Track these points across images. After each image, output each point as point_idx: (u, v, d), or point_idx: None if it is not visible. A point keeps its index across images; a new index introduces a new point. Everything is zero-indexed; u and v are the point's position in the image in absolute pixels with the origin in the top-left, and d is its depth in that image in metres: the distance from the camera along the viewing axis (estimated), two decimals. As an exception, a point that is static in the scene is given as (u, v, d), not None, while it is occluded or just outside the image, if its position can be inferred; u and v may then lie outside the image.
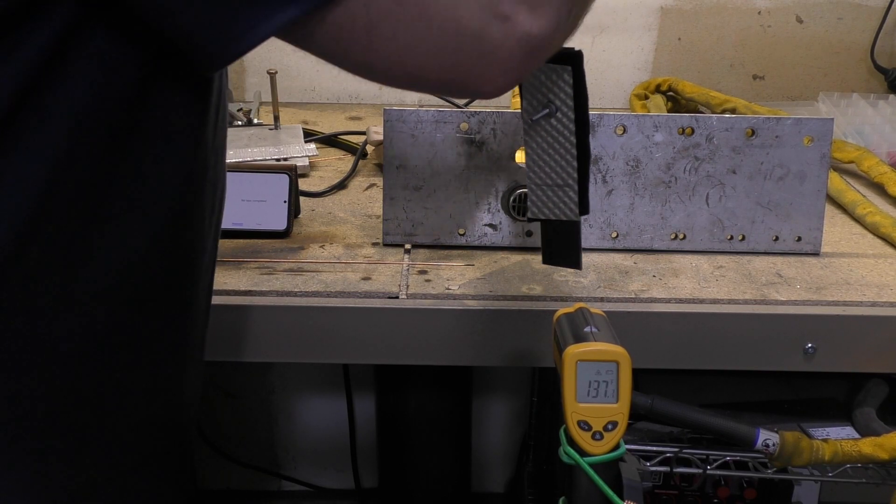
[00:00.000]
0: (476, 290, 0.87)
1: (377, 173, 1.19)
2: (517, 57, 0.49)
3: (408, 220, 0.96)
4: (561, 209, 0.79)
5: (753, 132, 0.94)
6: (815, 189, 0.95)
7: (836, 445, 0.91)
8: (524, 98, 0.75)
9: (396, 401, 1.43)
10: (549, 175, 0.77)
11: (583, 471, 0.66)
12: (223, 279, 0.88)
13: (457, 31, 0.47)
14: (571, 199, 0.78)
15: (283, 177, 0.98)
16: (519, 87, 0.75)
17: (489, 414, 1.69)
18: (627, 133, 0.93)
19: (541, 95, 0.74)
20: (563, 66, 0.73)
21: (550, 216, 0.79)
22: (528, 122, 0.76)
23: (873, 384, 1.04)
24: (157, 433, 0.61)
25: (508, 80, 0.50)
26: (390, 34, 0.47)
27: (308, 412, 1.71)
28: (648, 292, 0.88)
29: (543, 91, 0.74)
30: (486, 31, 0.47)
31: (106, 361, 0.54)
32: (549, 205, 0.79)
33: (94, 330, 0.53)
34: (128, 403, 0.57)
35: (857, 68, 1.53)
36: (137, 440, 0.59)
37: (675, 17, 1.50)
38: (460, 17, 0.47)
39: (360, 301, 0.85)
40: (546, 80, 0.74)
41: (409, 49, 0.48)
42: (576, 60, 0.73)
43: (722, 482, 1.10)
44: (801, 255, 0.97)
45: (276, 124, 1.25)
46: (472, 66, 0.49)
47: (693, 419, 0.92)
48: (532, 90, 0.75)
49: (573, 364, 0.65)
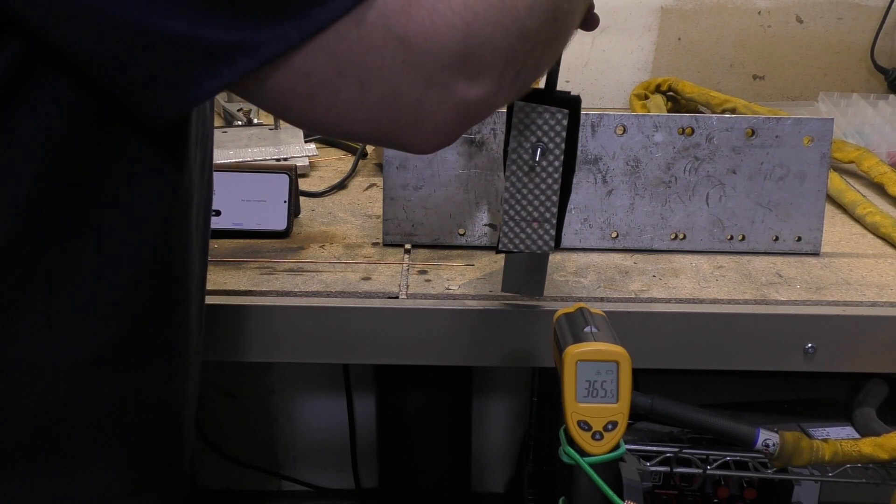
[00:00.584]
0: (476, 290, 0.87)
1: (377, 173, 1.19)
2: (452, 121, 0.50)
3: (408, 220, 0.96)
4: (535, 243, 0.80)
5: (753, 132, 0.94)
6: (815, 189, 0.95)
7: (836, 445, 0.91)
8: (512, 135, 0.75)
9: (396, 401, 1.43)
10: (525, 209, 0.78)
11: (583, 471, 0.66)
12: (223, 279, 0.88)
13: (395, 100, 0.48)
14: (548, 233, 0.79)
15: (283, 177, 0.98)
16: (507, 123, 0.76)
17: (489, 414, 1.69)
18: (627, 133, 0.93)
19: (530, 134, 0.75)
20: (560, 109, 0.74)
21: (523, 249, 0.80)
22: (518, 160, 0.76)
23: (873, 384, 1.04)
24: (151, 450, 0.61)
25: (442, 141, 0.51)
26: (329, 102, 0.48)
27: (308, 412, 1.71)
28: (648, 292, 0.88)
29: (534, 129, 0.74)
30: (423, 99, 0.48)
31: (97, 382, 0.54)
32: (522, 238, 0.80)
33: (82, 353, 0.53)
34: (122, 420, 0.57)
35: (857, 68, 1.53)
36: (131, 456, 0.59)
37: (675, 17, 1.50)
38: (398, 86, 0.47)
39: (360, 301, 0.85)
40: (539, 120, 0.74)
41: (346, 115, 0.49)
42: (574, 105, 0.74)
43: (722, 482, 1.10)
44: (801, 255, 0.97)
45: (276, 124, 1.25)
46: (408, 129, 0.50)
47: (693, 419, 0.92)
48: (522, 128, 0.75)
49: (573, 364, 0.65)
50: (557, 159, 0.75)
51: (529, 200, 0.78)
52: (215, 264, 0.91)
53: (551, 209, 0.78)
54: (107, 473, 0.57)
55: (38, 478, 0.54)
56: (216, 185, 0.97)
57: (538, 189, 0.77)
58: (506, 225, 0.79)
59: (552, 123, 0.74)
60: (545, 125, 0.74)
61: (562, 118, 0.74)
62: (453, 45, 0.46)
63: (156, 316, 0.57)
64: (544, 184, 0.77)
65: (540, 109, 0.74)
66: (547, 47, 0.51)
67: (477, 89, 0.48)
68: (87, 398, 0.54)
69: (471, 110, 0.49)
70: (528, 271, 0.83)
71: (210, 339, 0.85)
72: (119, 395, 0.56)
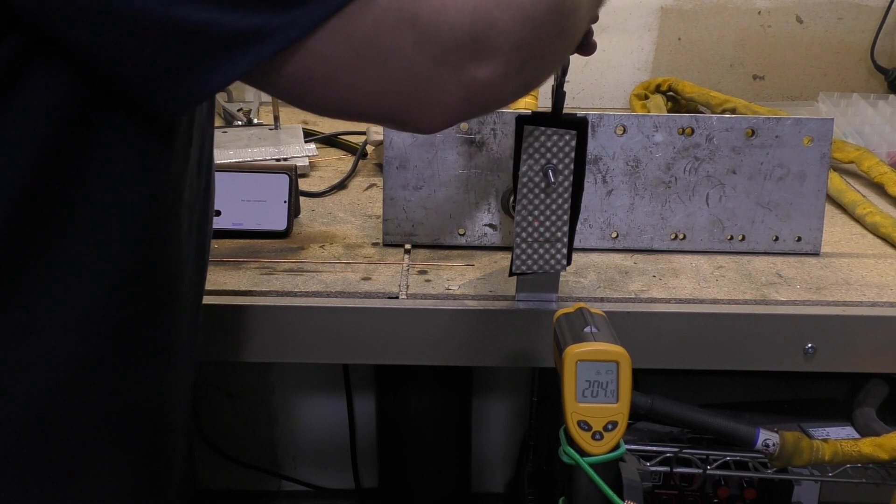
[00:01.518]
0: (476, 290, 0.87)
1: (377, 173, 1.19)
2: (461, 101, 0.51)
3: (408, 220, 0.96)
4: (548, 262, 0.82)
5: (753, 132, 0.94)
6: (815, 189, 0.95)
7: (836, 445, 0.91)
8: (523, 159, 0.78)
9: (396, 401, 1.43)
10: (537, 230, 0.80)
11: (583, 471, 0.66)
12: (223, 279, 0.88)
13: (407, 79, 0.49)
14: (560, 251, 0.81)
15: (283, 177, 0.98)
16: (516, 146, 0.78)
17: (489, 414, 1.69)
18: (627, 133, 0.93)
19: (540, 157, 0.77)
20: (568, 130, 0.76)
21: (536, 270, 0.82)
22: (529, 182, 0.78)
23: (873, 384, 1.04)
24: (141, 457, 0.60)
25: (447, 120, 0.52)
26: (345, 84, 0.49)
27: (308, 412, 1.70)
28: (648, 292, 0.88)
29: (543, 152, 0.77)
30: (433, 78, 0.49)
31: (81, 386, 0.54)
32: (535, 259, 0.82)
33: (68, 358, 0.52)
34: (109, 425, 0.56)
35: (857, 68, 1.53)
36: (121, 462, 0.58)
37: (675, 17, 1.50)
38: (411, 66, 0.48)
39: (360, 301, 0.85)
40: (548, 142, 0.77)
41: (361, 96, 0.50)
42: (581, 127, 0.77)
43: (722, 482, 1.10)
44: (801, 255, 0.97)
45: (276, 124, 1.25)
46: (416, 108, 0.51)
47: (693, 419, 0.92)
48: (531, 151, 0.77)
49: (573, 364, 0.65)
50: (567, 179, 0.78)
51: (541, 221, 0.80)
52: (215, 264, 0.91)
53: (563, 228, 0.80)
54: (97, 480, 0.57)
55: (30, 484, 0.54)
56: (216, 184, 0.97)
57: (549, 210, 0.79)
58: (518, 247, 0.81)
59: (561, 145, 0.77)
60: (554, 147, 0.77)
61: (570, 139, 0.76)
62: (462, 26, 0.48)
63: (141, 319, 0.56)
64: (555, 204, 0.79)
65: (549, 132, 0.76)
66: (553, 40, 0.52)
67: (485, 70, 0.49)
68: (71, 402, 0.54)
69: (478, 92, 0.50)
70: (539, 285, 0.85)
71: (210, 339, 0.85)
72: (105, 400, 0.55)
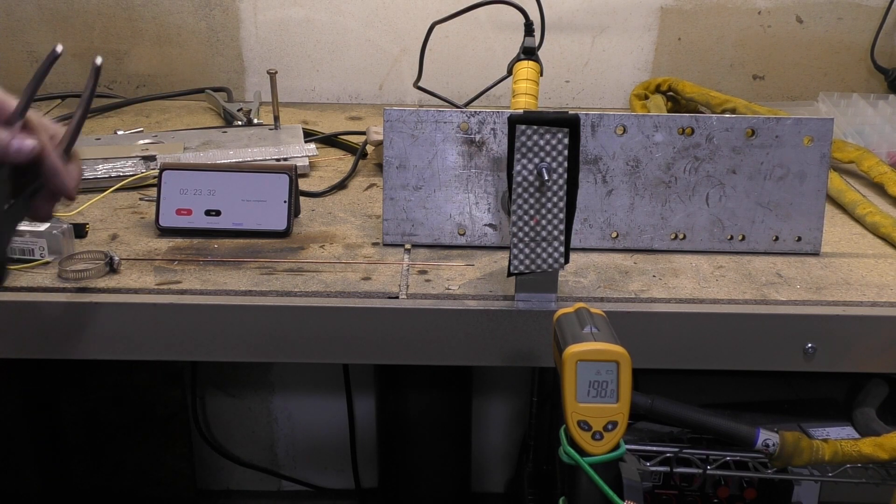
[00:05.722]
0: (476, 290, 0.87)
1: (377, 173, 1.19)
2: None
3: (408, 220, 0.96)
4: (546, 261, 0.82)
5: (753, 132, 0.94)
6: (815, 189, 0.95)
7: (836, 445, 0.91)
8: (516, 159, 0.78)
9: (396, 401, 1.43)
10: (534, 230, 0.80)
11: (583, 471, 0.66)
12: (223, 279, 0.88)
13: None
14: (558, 250, 0.81)
15: (283, 177, 0.98)
16: (509, 147, 0.78)
17: (489, 414, 1.69)
18: (627, 133, 0.93)
19: (533, 156, 0.77)
20: (561, 129, 0.76)
21: (535, 269, 0.82)
22: (524, 182, 0.78)
23: (873, 384, 1.04)
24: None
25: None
26: None
27: (308, 412, 1.71)
28: (648, 292, 0.88)
29: (536, 151, 0.77)
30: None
31: None
32: (533, 258, 0.81)
33: None
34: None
35: (857, 68, 1.53)
36: None
37: (675, 17, 1.50)
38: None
39: (360, 301, 0.85)
40: (541, 141, 0.77)
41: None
42: (573, 125, 0.77)
43: (722, 482, 1.10)
44: (801, 255, 0.97)
45: (276, 124, 1.25)
46: None
47: (693, 419, 0.92)
48: (525, 151, 0.77)
49: (573, 364, 0.65)
50: (561, 178, 0.78)
51: (537, 220, 0.79)
52: (215, 264, 0.91)
53: (559, 227, 0.80)
54: None
55: None
56: (216, 185, 0.97)
57: (545, 209, 0.79)
58: (515, 247, 0.81)
59: (554, 143, 0.77)
60: (547, 146, 0.77)
61: (563, 137, 0.76)
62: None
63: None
64: (550, 202, 0.79)
65: (541, 131, 0.76)
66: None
67: None
68: None
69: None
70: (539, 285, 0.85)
71: (210, 339, 0.85)
72: None
